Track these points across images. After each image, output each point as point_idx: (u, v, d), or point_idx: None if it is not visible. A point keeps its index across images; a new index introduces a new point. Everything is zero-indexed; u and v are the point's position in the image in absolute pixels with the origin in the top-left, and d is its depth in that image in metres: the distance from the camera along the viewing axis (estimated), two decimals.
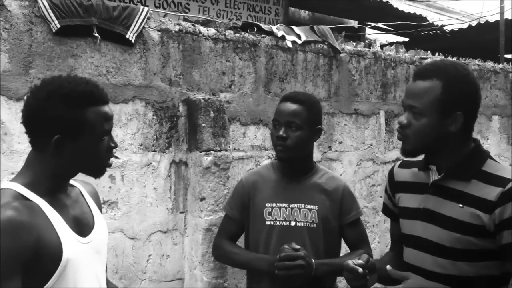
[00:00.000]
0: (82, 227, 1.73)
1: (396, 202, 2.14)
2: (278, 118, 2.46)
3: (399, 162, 2.22)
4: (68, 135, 1.62)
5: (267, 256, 2.44)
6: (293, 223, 2.48)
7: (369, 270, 1.96)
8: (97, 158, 1.70)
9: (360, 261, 1.96)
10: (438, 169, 1.97)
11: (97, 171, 1.75)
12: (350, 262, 1.97)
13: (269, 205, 2.51)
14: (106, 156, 1.73)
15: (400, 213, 2.10)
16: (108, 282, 1.94)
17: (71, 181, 1.83)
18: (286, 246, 2.33)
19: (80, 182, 1.91)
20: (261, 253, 2.50)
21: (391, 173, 2.21)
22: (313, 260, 2.35)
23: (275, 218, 2.49)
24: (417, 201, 2.00)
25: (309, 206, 2.50)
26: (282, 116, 2.45)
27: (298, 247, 2.32)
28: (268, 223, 2.49)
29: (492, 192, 1.80)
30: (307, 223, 2.48)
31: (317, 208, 2.49)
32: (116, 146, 1.74)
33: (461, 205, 1.84)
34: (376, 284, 2.03)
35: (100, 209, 1.96)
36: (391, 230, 2.31)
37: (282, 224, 2.48)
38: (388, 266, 1.90)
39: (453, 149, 1.91)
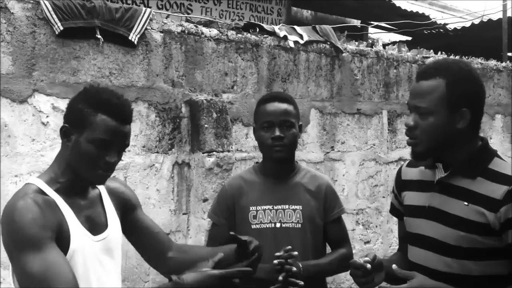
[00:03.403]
0: (94, 226, 1.81)
1: (402, 200, 2.14)
2: (271, 119, 2.42)
3: (407, 161, 2.20)
4: (72, 127, 1.74)
5: (263, 265, 2.29)
6: (278, 225, 2.46)
7: (376, 268, 1.96)
8: (89, 162, 1.73)
9: (367, 258, 1.96)
10: (444, 167, 1.96)
11: (88, 176, 1.77)
12: (357, 259, 1.97)
13: (253, 209, 2.48)
14: (99, 166, 1.74)
15: (405, 211, 2.10)
16: None
17: None
18: (279, 253, 2.30)
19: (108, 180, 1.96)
20: None
21: (399, 172, 2.21)
22: (299, 263, 2.35)
23: (260, 221, 2.46)
24: (422, 199, 1.99)
25: (293, 207, 2.49)
26: (275, 116, 2.42)
27: (295, 253, 2.29)
28: (254, 226, 2.46)
29: (497, 190, 1.79)
30: (293, 224, 2.47)
31: (301, 208, 2.48)
32: (112, 162, 1.75)
33: (466, 203, 1.83)
34: (383, 283, 2.02)
35: (123, 202, 1.99)
36: (399, 230, 2.29)
37: (268, 226, 2.45)
38: (394, 265, 1.89)
39: (460, 146, 1.90)
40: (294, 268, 2.25)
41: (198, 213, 3.70)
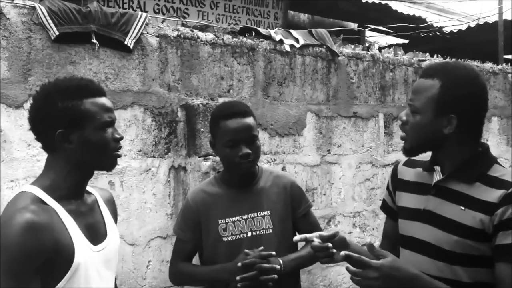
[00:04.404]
0: (95, 235, 1.77)
1: (395, 199, 2.12)
2: (236, 138, 2.35)
3: (404, 159, 2.17)
4: (69, 128, 1.67)
5: (226, 265, 2.38)
6: (249, 234, 2.44)
7: (337, 246, 1.94)
8: (104, 148, 1.72)
9: (323, 233, 1.93)
10: (442, 170, 1.94)
11: (107, 162, 1.78)
12: (313, 236, 1.95)
13: (222, 222, 2.45)
14: (113, 146, 1.75)
15: (400, 213, 2.08)
16: None
17: (89, 189, 1.88)
18: (247, 252, 2.31)
19: (97, 189, 1.96)
20: None
21: (395, 169, 2.19)
22: (279, 259, 2.36)
23: (231, 233, 2.44)
24: (418, 202, 1.98)
25: (261, 213, 2.47)
26: (241, 133, 2.36)
27: (272, 253, 2.30)
28: (225, 239, 2.44)
29: (495, 195, 1.78)
30: (263, 230, 2.46)
31: (269, 213, 2.47)
32: (121, 137, 1.77)
33: (462, 208, 1.82)
34: None
35: (116, 215, 2.00)
36: (385, 227, 2.27)
37: (239, 237, 2.43)
38: (369, 241, 1.88)
39: (454, 151, 1.88)
40: (266, 265, 2.26)
41: None
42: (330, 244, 1.93)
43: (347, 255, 1.78)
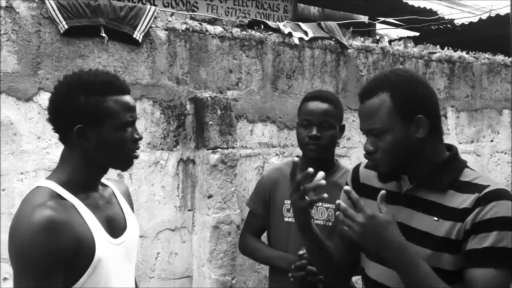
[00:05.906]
0: (114, 228, 1.75)
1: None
2: (310, 118, 2.50)
3: (365, 162, 2.03)
4: (89, 124, 1.63)
5: (287, 255, 2.51)
6: None
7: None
8: (121, 148, 1.69)
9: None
10: (409, 178, 1.83)
11: (123, 162, 1.75)
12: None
13: (287, 202, 2.56)
14: (131, 147, 1.72)
15: None
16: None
17: (105, 181, 1.87)
18: (302, 252, 2.38)
19: (113, 181, 1.95)
20: (280, 249, 2.58)
21: (356, 173, 2.09)
22: None
23: (293, 214, 2.52)
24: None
25: (326, 205, 2.53)
26: (315, 115, 2.49)
27: None
28: (286, 219, 2.56)
29: (468, 200, 1.68)
30: (324, 221, 2.52)
31: (334, 207, 2.51)
32: (140, 138, 1.75)
33: (436, 218, 1.72)
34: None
35: (132, 207, 1.98)
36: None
37: None
38: (346, 187, 1.76)
39: (425, 156, 1.79)
40: (314, 268, 2.34)
41: (203, 209, 3.72)
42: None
43: (342, 208, 1.73)
